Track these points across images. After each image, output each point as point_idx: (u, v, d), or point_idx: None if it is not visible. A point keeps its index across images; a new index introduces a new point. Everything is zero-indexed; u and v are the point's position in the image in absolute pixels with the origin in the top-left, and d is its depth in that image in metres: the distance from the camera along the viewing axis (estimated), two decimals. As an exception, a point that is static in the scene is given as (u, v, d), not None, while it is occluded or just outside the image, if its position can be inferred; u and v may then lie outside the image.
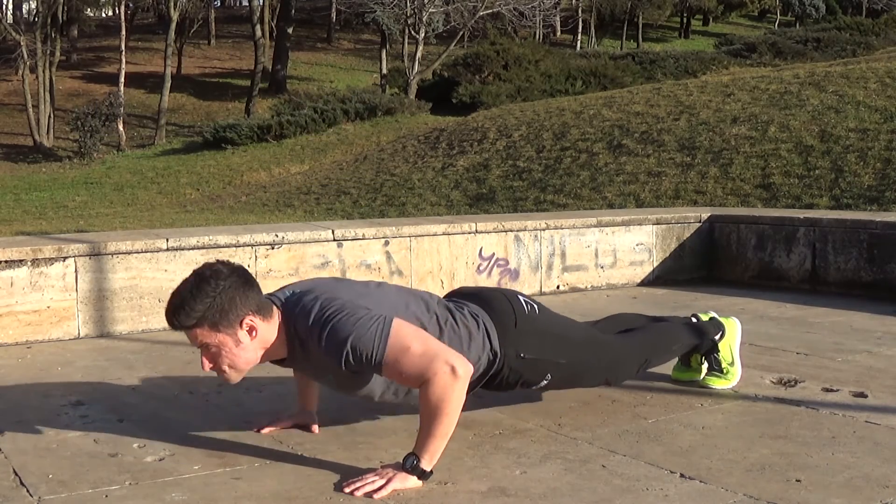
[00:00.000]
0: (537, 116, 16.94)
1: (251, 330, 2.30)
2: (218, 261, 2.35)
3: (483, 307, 2.61)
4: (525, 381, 2.66)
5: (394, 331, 2.25)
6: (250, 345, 2.31)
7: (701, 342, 3.08)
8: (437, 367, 2.21)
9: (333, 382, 2.45)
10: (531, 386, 2.70)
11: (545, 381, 2.68)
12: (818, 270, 5.44)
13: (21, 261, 3.98)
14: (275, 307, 2.37)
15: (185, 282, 2.29)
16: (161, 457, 2.45)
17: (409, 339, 2.25)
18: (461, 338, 2.48)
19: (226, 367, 2.32)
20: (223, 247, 4.39)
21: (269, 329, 2.34)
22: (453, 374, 2.22)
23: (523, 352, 2.60)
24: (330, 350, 2.25)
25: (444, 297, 2.71)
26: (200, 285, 2.25)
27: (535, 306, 2.73)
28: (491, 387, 2.66)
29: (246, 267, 2.41)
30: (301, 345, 2.33)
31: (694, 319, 3.15)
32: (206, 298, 2.23)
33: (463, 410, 2.30)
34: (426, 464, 2.22)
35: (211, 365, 2.33)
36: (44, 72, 29.54)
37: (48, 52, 30.03)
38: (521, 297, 2.73)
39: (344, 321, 2.25)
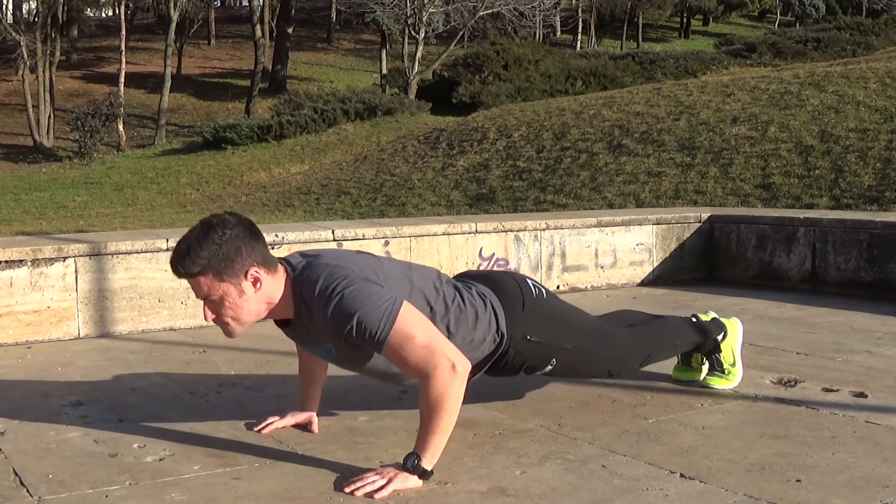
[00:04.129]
0: (537, 116, 16.93)
1: (255, 281, 2.28)
2: (226, 211, 2.35)
3: (491, 288, 2.60)
4: (530, 365, 2.65)
5: (402, 314, 2.24)
6: (254, 297, 2.29)
7: (703, 341, 3.08)
8: (437, 361, 2.21)
9: (332, 353, 2.42)
10: (535, 371, 2.68)
11: (549, 367, 2.67)
12: (818, 270, 5.44)
13: (21, 261, 3.98)
14: (281, 266, 2.36)
15: (192, 230, 2.28)
16: (161, 457, 2.45)
17: (415, 327, 2.24)
18: (468, 317, 2.47)
19: (228, 319, 2.31)
20: (223, 247, 4.38)
21: (273, 284, 2.32)
22: (453, 370, 2.21)
23: (530, 334, 2.59)
24: (335, 321, 2.24)
25: (454, 278, 2.69)
26: (207, 232, 2.24)
27: (543, 291, 2.73)
28: (496, 370, 2.64)
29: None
30: (307, 308, 2.31)
31: (694, 319, 3.14)
32: (211, 246, 2.22)
33: (462, 410, 2.30)
34: (427, 463, 2.22)
35: (213, 316, 2.31)
36: (44, 72, 29.53)
37: (48, 52, 30.02)
38: (529, 281, 2.73)
39: (354, 294, 2.23)
